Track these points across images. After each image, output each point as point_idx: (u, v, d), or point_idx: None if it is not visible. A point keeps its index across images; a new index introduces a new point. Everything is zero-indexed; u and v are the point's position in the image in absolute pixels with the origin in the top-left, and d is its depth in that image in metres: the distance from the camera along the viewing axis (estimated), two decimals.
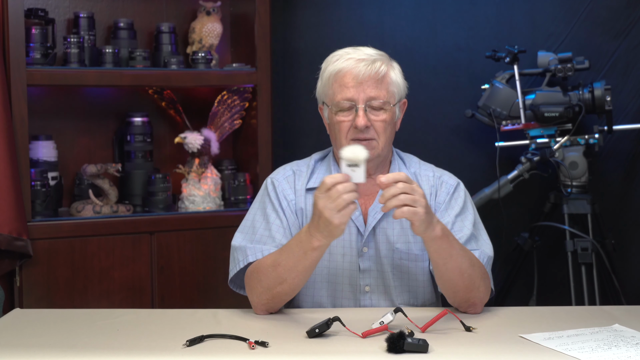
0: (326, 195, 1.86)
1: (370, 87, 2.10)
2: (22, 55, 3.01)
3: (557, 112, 3.35)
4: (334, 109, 2.13)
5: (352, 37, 3.54)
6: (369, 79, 2.10)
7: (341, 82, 2.12)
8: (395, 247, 2.18)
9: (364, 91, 2.10)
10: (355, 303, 2.19)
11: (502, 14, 3.69)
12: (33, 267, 3.03)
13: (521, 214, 3.65)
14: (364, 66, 2.10)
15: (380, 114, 2.11)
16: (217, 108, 3.45)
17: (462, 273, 2.01)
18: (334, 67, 2.13)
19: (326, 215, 1.86)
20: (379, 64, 2.12)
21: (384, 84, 2.12)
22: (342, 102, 2.11)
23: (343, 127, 2.12)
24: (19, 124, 3.01)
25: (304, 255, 1.97)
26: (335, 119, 2.13)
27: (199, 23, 3.47)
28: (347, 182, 1.87)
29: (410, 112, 2.32)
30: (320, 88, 2.20)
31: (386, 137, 2.14)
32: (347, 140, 2.12)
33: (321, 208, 1.87)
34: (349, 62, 2.12)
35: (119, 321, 2.05)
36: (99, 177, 3.23)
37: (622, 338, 1.84)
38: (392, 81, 2.14)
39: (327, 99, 2.16)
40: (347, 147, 1.91)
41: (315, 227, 1.91)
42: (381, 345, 1.77)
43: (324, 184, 1.87)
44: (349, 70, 2.11)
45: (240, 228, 2.21)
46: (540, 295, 3.51)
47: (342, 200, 1.85)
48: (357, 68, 2.10)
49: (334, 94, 2.13)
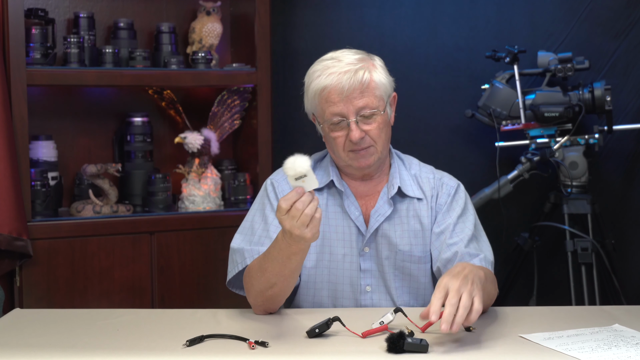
0: (288, 216, 1.82)
1: (357, 98, 2.08)
2: (22, 55, 3.01)
3: (557, 112, 3.35)
4: (326, 125, 2.12)
5: (352, 37, 3.55)
6: (354, 91, 2.07)
7: (327, 98, 2.09)
8: (398, 249, 2.18)
9: (352, 103, 2.08)
10: (355, 303, 2.19)
11: (502, 14, 3.69)
12: (33, 267, 3.03)
13: (521, 214, 3.65)
14: (347, 80, 2.07)
15: (373, 122, 2.10)
16: (217, 108, 3.45)
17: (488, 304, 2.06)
18: (317, 85, 2.10)
19: (297, 234, 1.83)
20: (362, 73, 2.08)
21: (369, 90, 2.09)
22: (332, 119, 2.10)
23: (339, 143, 2.12)
24: (19, 124, 3.01)
25: (287, 259, 1.95)
26: (330, 136, 2.13)
27: (199, 23, 3.47)
28: (301, 197, 1.81)
29: (410, 112, 2.32)
30: (307, 103, 2.17)
31: (383, 140, 2.13)
32: (346, 152, 2.12)
33: (289, 229, 1.83)
34: (331, 78, 2.08)
35: (119, 321, 2.05)
36: (99, 177, 3.23)
37: (622, 338, 1.84)
38: (377, 85, 2.11)
39: (317, 114, 2.16)
40: (286, 161, 1.82)
41: (290, 239, 1.88)
42: (381, 345, 1.77)
43: (281, 209, 1.82)
44: (333, 87, 2.08)
45: (239, 230, 2.21)
46: (540, 295, 3.51)
47: (305, 216, 1.81)
48: (340, 83, 2.07)
49: (322, 111, 2.12)
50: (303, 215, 1.81)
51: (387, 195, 2.19)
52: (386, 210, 2.18)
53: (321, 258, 2.19)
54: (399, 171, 2.23)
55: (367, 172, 2.19)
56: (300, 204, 1.80)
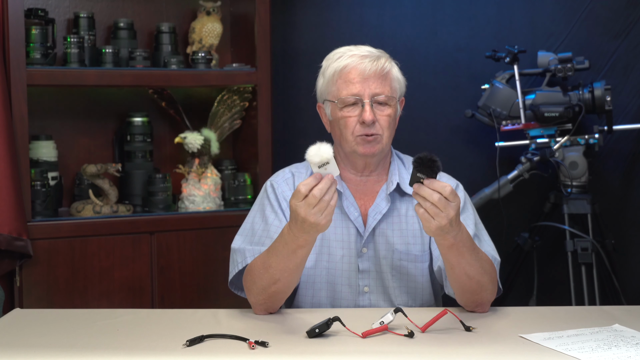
0: (305, 202, 1.84)
1: (376, 83, 2.12)
2: (22, 55, 3.01)
3: (557, 112, 3.35)
4: (340, 105, 2.14)
5: (352, 37, 3.53)
6: (374, 75, 2.12)
7: (346, 78, 2.13)
8: (395, 248, 2.18)
9: (369, 87, 2.11)
10: (354, 303, 2.19)
11: (502, 14, 3.69)
12: (33, 267, 3.03)
13: (521, 214, 3.65)
14: (369, 62, 2.12)
15: (385, 109, 2.13)
16: (217, 108, 3.45)
17: (470, 278, 2.02)
18: (339, 64, 2.15)
19: (312, 220, 1.84)
20: (384, 60, 2.14)
21: (388, 79, 2.14)
22: (347, 98, 2.12)
23: (349, 123, 2.13)
24: (19, 124, 3.01)
25: (292, 253, 1.96)
26: (341, 114, 2.14)
27: (199, 23, 3.47)
28: (320, 183, 1.84)
29: (410, 112, 2.32)
30: (322, 86, 2.20)
31: (390, 132, 2.15)
32: (354, 136, 2.13)
33: (304, 215, 1.84)
34: (354, 59, 2.13)
35: (119, 321, 2.05)
36: (99, 177, 3.23)
37: (622, 338, 1.84)
38: (394, 77, 2.16)
39: (331, 95, 2.17)
40: (310, 149, 1.86)
41: (299, 229, 1.89)
42: (381, 345, 1.77)
43: (299, 193, 1.84)
44: (354, 67, 2.12)
45: (239, 231, 2.22)
46: (540, 295, 3.51)
47: (323, 202, 1.83)
48: (362, 64, 2.12)
49: (338, 90, 2.14)
50: (321, 202, 1.83)
51: (386, 192, 2.20)
52: (383, 207, 2.18)
53: (320, 259, 2.19)
54: (398, 169, 2.23)
55: (368, 163, 2.19)
56: (317, 190, 1.83)
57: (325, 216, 1.85)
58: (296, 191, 1.84)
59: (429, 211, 1.85)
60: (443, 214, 1.85)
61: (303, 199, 1.84)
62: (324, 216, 1.85)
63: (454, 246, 1.94)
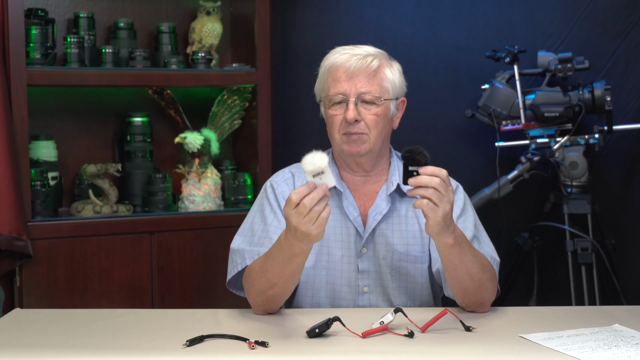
0: (296, 211, 1.81)
1: (362, 82, 2.11)
2: (22, 55, 3.01)
3: (557, 112, 3.35)
4: (327, 103, 2.15)
5: (352, 37, 3.53)
6: (360, 73, 2.11)
7: (334, 76, 2.13)
8: (395, 248, 2.18)
9: (355, 85, 2.11)
10: (353, 304, 2.19)
11: (502, 14, 3.69)
12: (33, 267, 3.03)
13: (521, 214, 3.65)
14: (356, 60, 2.12)
15: (372, 108, 2.12)
16: (217, 108, 3.45)
17: (472, 277, 2.01)
18: (328, 62, 2.16)
19: (303, 230, 1.82)
20: (371, 59, 2.13)
21: (376, 78, 2.13)
22: (335, 96, 2.12)
23: (336, 121, 2.14)
24: (19, 124, 3.01)
25: (288, 260, 1.95)
26: (329, 113, 2.15)
27: (199, 23, 3.47)
28: (312, 192, 1.81)
29: (410, 112, 2.32)
30: (317, 83, 2.22)
31: (378, 131, 2.13)
32: (340, 134, 2.13)
33: (295, 224, 1.82)
34: (343, 57, 2.14)
35: (119, 321, 2.05)
36: (99, 177, 3.23)
37: (622, 338, 1.84)
38: (385, 77, 2.14)
39: (323, 93, 2.18)
40: (305, 157, 1.83)
41: (293, 237, 1.87)
42: (381, 345, 1.77)
43: (290, 201, 1.81)
44: (341, 64, 2.13)
45: (239, 231, 2.21)
46: (540, 295, 3.51)
47: (313, 212, 1.80)
48: (349, 62, 2.12)
49: (328, 88, 2.15)
50: (312, 212, 1.80)
51: (386, 193, 2.19)
52: (383, 208, 2.18)
53: (320, 259, 2.19)
54: (398, 170, 2.23)
55: (359, 162, 2.19)
56: (308, 200, 1.80)
57: (316, 227, 1.82)
58: (288, 199, 1.82)
59: (433, 198, 1.85)
60: (445, 198, 1.85)
61: (294, 208, 1.82)
62: (315, 227, 1.82)
63: (456, 243, 1.94)
